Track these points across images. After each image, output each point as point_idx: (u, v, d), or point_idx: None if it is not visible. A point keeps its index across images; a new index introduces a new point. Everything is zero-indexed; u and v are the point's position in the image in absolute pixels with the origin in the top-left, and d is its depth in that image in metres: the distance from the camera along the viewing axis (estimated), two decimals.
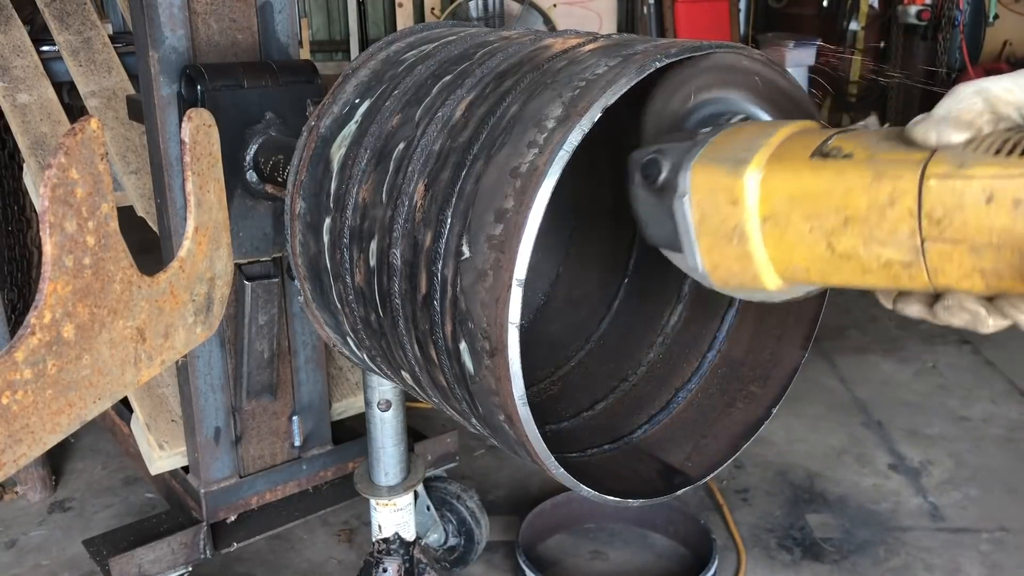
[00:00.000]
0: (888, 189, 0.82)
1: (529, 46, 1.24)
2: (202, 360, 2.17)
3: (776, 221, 0.91)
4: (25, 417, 0.93)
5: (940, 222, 0.79)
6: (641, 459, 1.47)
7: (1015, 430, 3.46)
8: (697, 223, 0.97)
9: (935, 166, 0.79)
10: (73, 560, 2.72)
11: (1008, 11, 7.38)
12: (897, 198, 0.81)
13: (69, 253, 0.95)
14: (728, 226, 0.94)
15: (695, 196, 0.97)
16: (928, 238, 0.80)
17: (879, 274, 0.85)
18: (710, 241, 0.97)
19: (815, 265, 0.89)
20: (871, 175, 0.83)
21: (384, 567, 2.09)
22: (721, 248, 0.96)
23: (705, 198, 0.96)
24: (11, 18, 2.65)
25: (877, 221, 0.83)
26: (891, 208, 0.81)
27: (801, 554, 2.75)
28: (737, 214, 0.93)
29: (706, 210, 0.96)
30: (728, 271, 0.97)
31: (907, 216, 0.81)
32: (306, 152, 1.40)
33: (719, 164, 0.95)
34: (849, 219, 0.85)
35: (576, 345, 1.72)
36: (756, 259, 0.93)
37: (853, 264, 0.86)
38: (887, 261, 0.83)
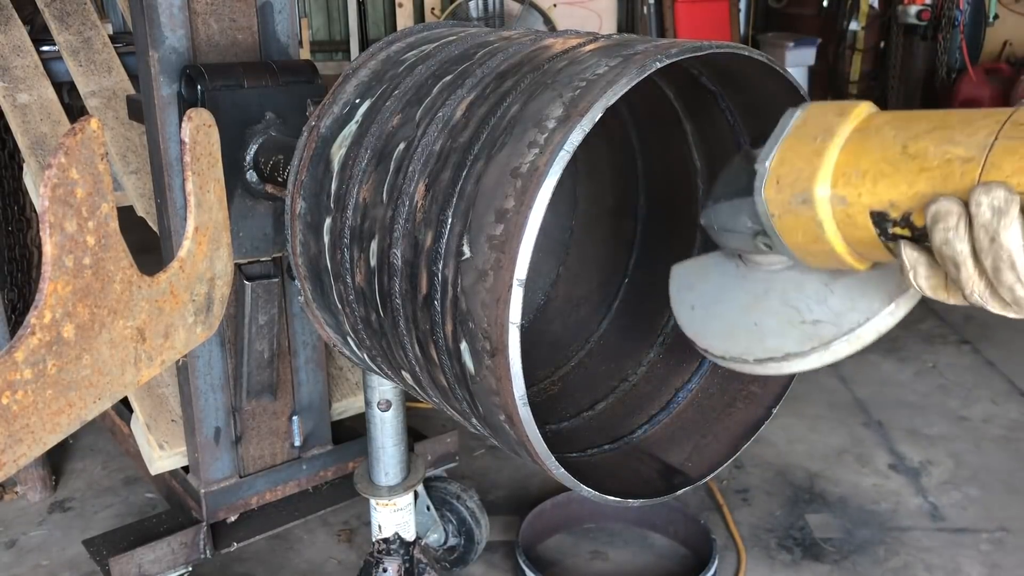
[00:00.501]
0: (986, 111, 0.86)
1: (529, 46, 1.24)
2: (202, 360, 2.17)
3: (866, 132, 0.94)
4: (25, 417, 0.93)
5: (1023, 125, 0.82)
6: (641, 459, 1.47)
7: (1015, 430, 3.46)
8: (795, 126, 0.99)
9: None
10: (73, 560, 2.72)
11: (1008, 11, 7.38)
12: (991, 114, 0.85)
13: (69, 253, 0.95)
14: (821, 126, 0.96)
15: (807, 111, 1.00)
16: (1003, 136, 0.83)
17: (934, 172, 0.86)
18: (794, 141, 0.98)
19: (876, 166, 0.91)
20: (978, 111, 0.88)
21: (384, 567, 2.09)
22: (800, 146, 0.97)
23: (816, 111, 0.99)
24: (11, 18, 2.65)
25: (962, 127, 0.86)
26: (983, 119, 0.85)
27: (801, 554, 2.75)
28: (837, 121, 0.96)
29: (810, 118, 0.99)
30: (791, 167, 0.97)
31: (993, 124, 0.84)
32: (306, 152, 1.40)
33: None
34: (937, 127, 0.88)
35: (576, 345, 1.72)
36: (826, 156, 0.94)
37: (915, 163, 0.88)
38: (950, 158, 0.85)
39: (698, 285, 1.24)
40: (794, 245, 1.00)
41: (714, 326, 1.19)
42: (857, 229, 0.93)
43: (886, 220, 0.90)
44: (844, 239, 0.95)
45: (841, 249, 0.96)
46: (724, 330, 1.17)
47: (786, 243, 1.00)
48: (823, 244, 0.96)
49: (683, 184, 1.57)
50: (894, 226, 0.90)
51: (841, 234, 0.95)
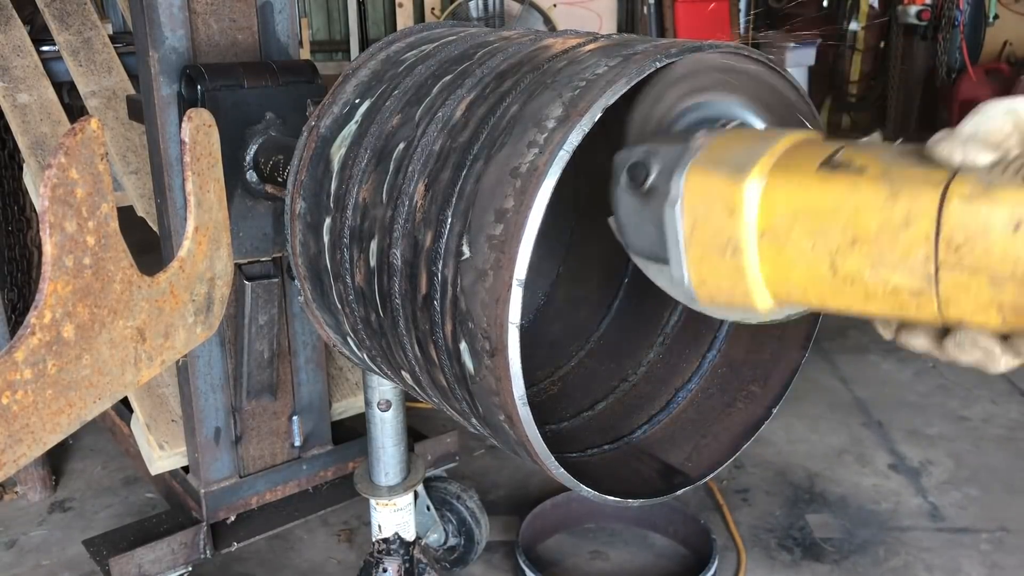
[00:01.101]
0: (904, 209, 0.75)
1: (529, 46, 1.24)
2: (202, 360, 2.17)
3: (775, 236, 0.84)
4: (25, 417, 0.93)
5: (959, 248, 0.72)
6: (641, 459, 1.47)
7: (1015, 430, 3.46)
8: (688, 232, 0.90)
9: (958, 186, 0.73)
10: (73, 560, 2.71)
11: (1008, 11, 7.38)
12: (913, 219, 0.74)
13: (69, 253, 0.95)
14: (722, 237, 0.87)
15: (688, 202, 0.90)
16: (944, 265, 0.73)
17: (884, 301, 0.78)
18: (700, 252, 0.90)
19: (814, 286, 0.83)
20: (886, 192, 0.76)
21: (384, 567, 2.09)
22: (712, 261, 0.89)
23: (699, 205, 0.88)
24: (11, 18, 2.65)
25: (889, 243, 0.76)
26: (906, 230, 0.75)
27: (801, 554, 2.75)
28: (733, 225, 0.85)
29: (699, 218, 0.89)
30: (717, 287, 0.90)
31: (923, 240, 0.74)
32: (306, 152, 1.40)
33: (717, 169, 0.87)
34: (857, 239, 0.78)
35: (576, 345, 1.72)
36: (749, 276, 0.86)
37: (856, 289, 0.80)
38: (895, 288, 0.77)
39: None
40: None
41: None
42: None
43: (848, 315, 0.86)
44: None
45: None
46: None
47: None
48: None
49: None
50: None
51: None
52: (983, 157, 0.74)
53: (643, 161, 0.97)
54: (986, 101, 0.76)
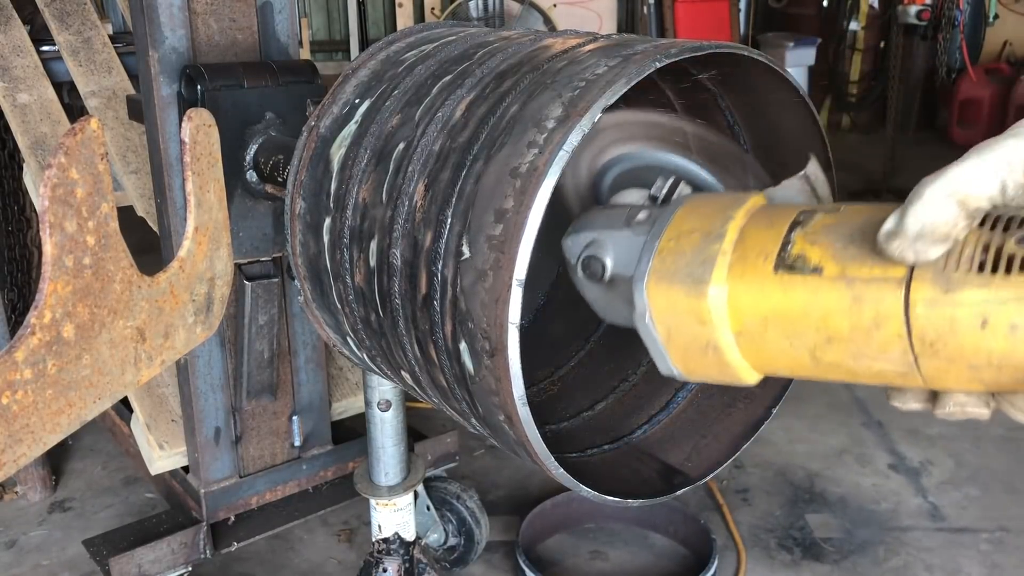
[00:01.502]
0: (871, 313, 0.77)
1: (529, 46, 1.24)
2: (202, 360, 2.17)
3: (751, 337, 0.85)
4: (25, 417, 0.93)
5: (933, 344, 0.74)
6: (641, 459, 1.47)
7: (1015, 430, 3.46)
8: (665, 339, 0.91)
9: (918, 290, 0.75)
10: (73, 560, 2.72)
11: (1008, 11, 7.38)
12: (882, 322, 0.76)
13: (69, 253, 0.95)
14: (700, 342, 0.88)
15: (657, 315, 0.91)
16: (922, 356, 0.75)
17: (871, 379, 0.80)
18: (682, 353, 0.91)
19: (800, 371, 0.85)
20: (849, 298, 0.78)
21: (384, 567, 2.09)
22: (696, 358, 0.90)
23: (668, 317, 0.90)
24: (11, 18, 2.65)
25: (864, 341, 0.78)
26: (877, 331, 0.77)
27: (801, 554, 2.75)
28: (707, 332, 0.87)
29: (672, 328, 0.90)
30: (706, 375, 0.92)
31: (896, 338, 0.76)
32: (306, 152, 1.40)
33: (675, 284, 0.88)
34: (832, 338, 0.80)
35: (576, 345, 1.72)
36: (734, 366, 0.88)
37: (842, 371, 0.81)
38: (879, 371, 0.79)
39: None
40: None
41: None
42: None
43: None
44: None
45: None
46: None
47: None
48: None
49: None
50: None
51: None
52: (934, 252, 0.74)
53: (595, 255, 0.99)
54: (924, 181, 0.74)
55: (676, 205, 0.96)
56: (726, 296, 0.85)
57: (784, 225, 0.85)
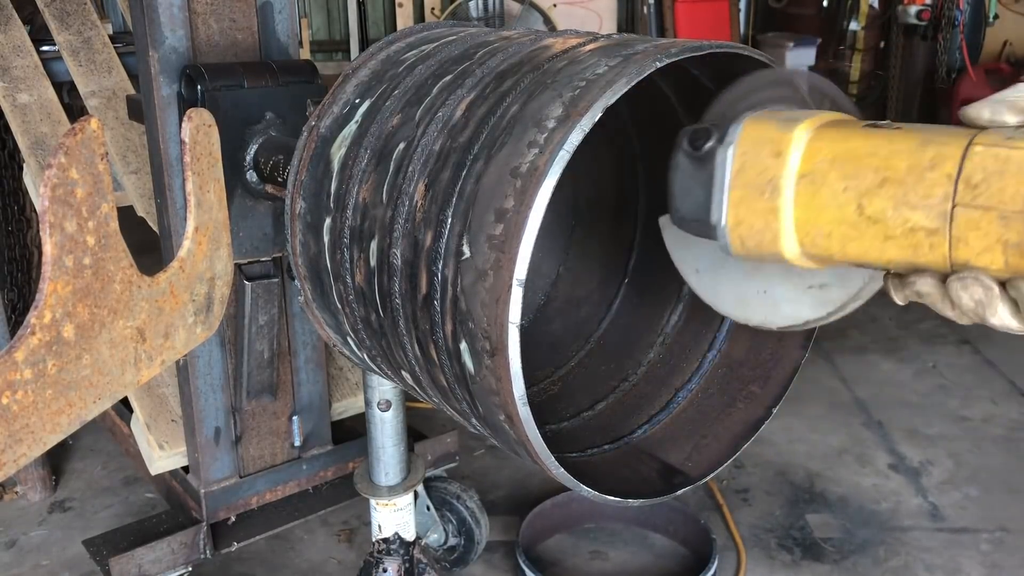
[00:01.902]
0: (932, 153, 0.83)
1: (529, 46, 1.24)
2: (202, 360, 2.17)
3: (813, 179, 0.91)
4: (25, 417, 0.93)
5: (977, 187, 0.80)
6: (641, 459, 1.47)
7: (1015, 430, 3.46)
8: (735, 173, 0.97)
9: (983, 137, 0.81)
10: (73, 560, 2.72)
11: (1008, 11, 7.38)
12: (939, 162, 0.82)
13: (69, 253, 0.95)
14: (764, 178, 0.94)
15: (740, 147, 0.97)
16: (960, 203, 0.81)
17: (900, 242, 0.85)
18: (741, 193, 0.97)
19: (838, 229, 0.90)
20: (918, 141, 0.85)
21: (384, 567, 2.09)
22: (750, 201, 0.96)
23: (749, 149, 0.96)
24: (11, 18, 2.65)
25: (914, 183, 0.84)
26: (931, 171, 0.83)
27: (801, 554, 2.75)
28: (776, 167, 0.93)
29: (747, 161, 0.96)
30: (750, 227, 0.97)
31: (944, 180, 0.82)
32: (306, 152, 1.40)
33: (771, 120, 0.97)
34: (886, 180, 0.86)
35: (576, 345, 1.72)
36: (782, 216, 0.93)
37: (877, 229, 0.87)
38: (912, 226, 0.84)
39: (693, 244, 1.22)
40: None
41: (726, 293, 1.19)
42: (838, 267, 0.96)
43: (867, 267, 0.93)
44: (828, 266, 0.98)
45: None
46: (737, 298, 1.17)
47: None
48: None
49: None
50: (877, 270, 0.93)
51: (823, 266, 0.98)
52: (1010, 118, 0.83)
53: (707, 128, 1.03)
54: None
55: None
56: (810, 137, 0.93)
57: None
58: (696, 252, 1.21)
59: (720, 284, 1.19)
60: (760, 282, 1.13)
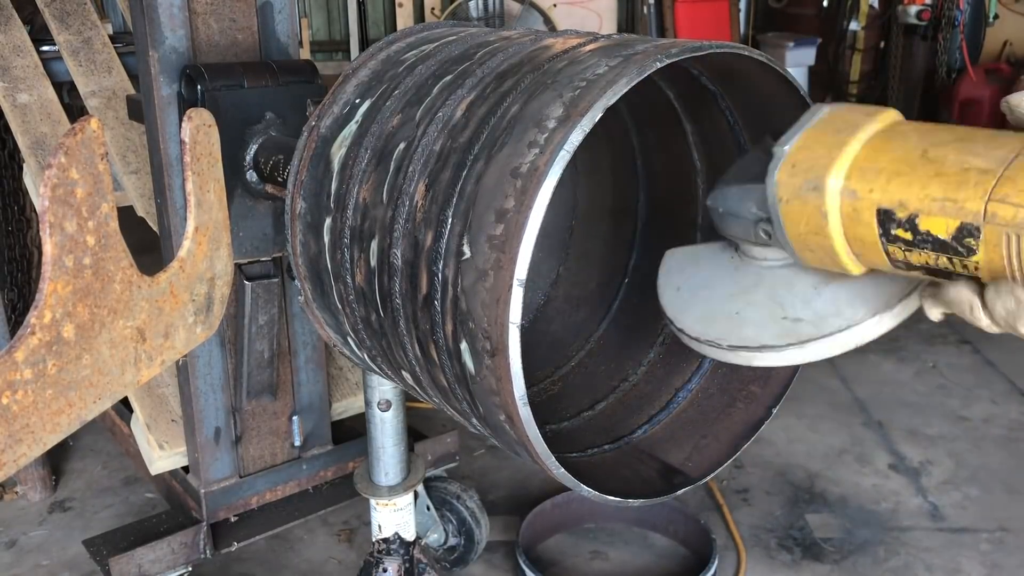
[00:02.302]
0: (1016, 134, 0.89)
1: (529, 46, 1.24)
2: (202, 360, 2.17)
3: (891, 132, 0.96)
4: (25, 417, 0.93)
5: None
6: (641, 459, 1.47)
7: (1015, 430, 3.46)
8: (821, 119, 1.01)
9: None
10: (73, 560, 2.71)
11: (1008, 11, 7.37)
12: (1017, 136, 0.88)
13: (69, 253, 0.95)
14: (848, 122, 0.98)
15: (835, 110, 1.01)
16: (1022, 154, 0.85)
17: (949, 178, 0.87)
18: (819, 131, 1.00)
19: (892, 165, 0.92)
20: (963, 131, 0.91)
21: (384, 567, 2.09)
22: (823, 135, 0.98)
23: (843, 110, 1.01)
24: (11, 18, 2.65)
25: (986, 142, 0.88)
26: (1010, 139, 0.88)
27: (801, 554, 2.75)
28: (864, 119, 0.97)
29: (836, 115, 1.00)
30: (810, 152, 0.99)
31: (1014, 140, 0.87)
32: (306, 152, 1.40)
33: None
34: (961, 139, 0.90)
35: (576, 345, 1.72)
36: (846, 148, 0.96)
37: (931, 167, 0.89)
38: (967, 167, 0.87)
39: (688, 269, 1.25)
40: (795, 235, 1.00)
41: (695, 309, 1.20)
42: (860, 226, 0.93)
43: (891, 220, 0.91)
44: (845, 235, 0.96)
45: (840, 245, 0.96)
46: (704, 314, 1.18)
47: (787, 233, 1.00)
48: (824, 237, 0.97)
49: (683, 184, 1.57)
50: (897, 227, 0.90)
51: (844, 229, 0.95)
52: None
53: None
54: None
55: None
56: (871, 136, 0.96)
57: None
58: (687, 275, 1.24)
59: (694, 301, 1.21)
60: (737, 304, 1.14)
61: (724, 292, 1.16)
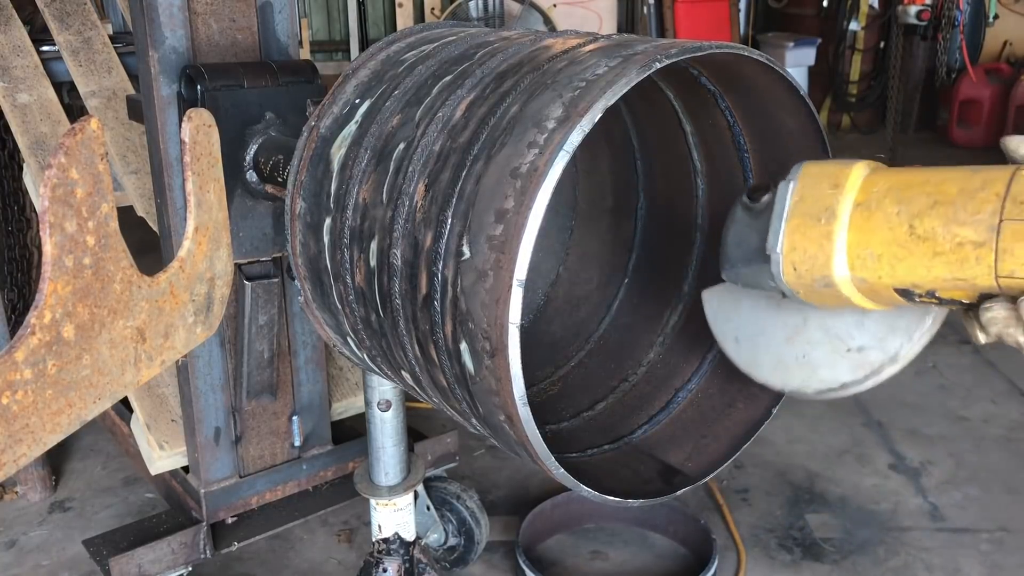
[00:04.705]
0: (981, 178, 0.89)
1: (529, 46, 1.24)
2: (202, 360, 2.17)
3: (868, 206, 0.96)
4: (25, 417, 0.93)
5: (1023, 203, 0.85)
6: (641, 459, 1.47)
7: (1015, 430, 3.46)
8: (794, 204, 1.02)
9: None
10: (73, 560, 2.72)
11: (1008, 11, 7.38)
12: (988, 184, 0.88)
13: (69, 253, 0.95)
14: (821, 206, 0.99)
15: (801, 181, 1.03)
16: (1007, 218, 0.86)
17: (948, 257, 0.89)
18: (798, 222, 1.01)
19: (889, 249, 0.94)
20: (969, 171, 0.91)
21: (384, 567, 2.09)
22: (806, 228, 1.00)
23: (809, 183, 1.02)
24: (11, 18, 2.65)
25: (964, 203, 0.89)
26: (981, 191, 0.88)
27: (801, 554, 2.75)
28: (834, 196, 0.98)
29: (806, 193, 1.01)
30: (804, 252, 1.01)
31: (993, 198, 0.87)
32: (306, 152, 1.40)
33: (830, 162, 1.03)
34: (938, 202, 0.91)
35: (576, 345, 1.72)
36: (835, 239, 0.98)
37: (926, 247, 0.91)
38: (961, 241, 0.88)
39: (734, 316, 1.26)
40: (824, 307, 1.07)
41: (764, 360, 1.22)
42: (883, 299, 1.00)
43: (911, 294, 0.96)
44: (871, 300, 1.01)
45: (871, 307, 1.03)
46: (775, 365, 1.20)
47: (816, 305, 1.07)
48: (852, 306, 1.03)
49: (683, 184, 1.57)
50: (920, 297, 0.96)
51: (868, 299, 1.01)
52: None
53: (764, 183, 1.09)
54: None
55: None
56: (868, 171, 0.99)
57: None
58: (736, 323, 1.25)
59: (759, 351, 1.22)
60: (799, 347, 1.16)
61: (780, 336, 1.18)
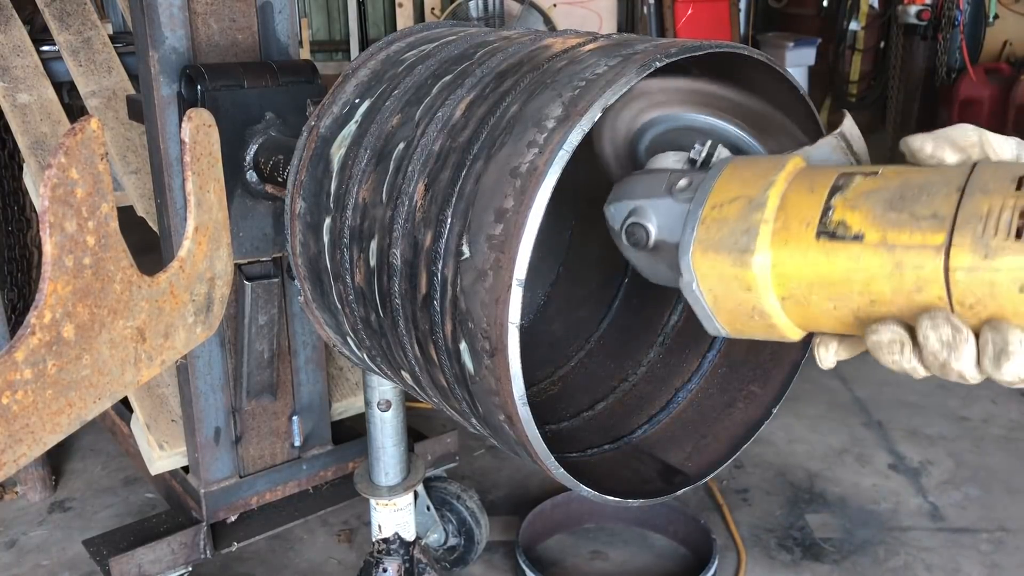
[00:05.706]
0: (912, 278, 0.80)
1: (529, 46, 1.24)
2: (202, 360, 2.17)
3: (796, 300, 0.88)
4: (25, 417, 0.93)
5: (973, 307, 0.78)
6: (641, 459, 1.47)
7: (1015, 430, 3.46)
8: (712, 305, 0.94)
9: (958, 256, 0.77)
10: (73, 560, 2.72)
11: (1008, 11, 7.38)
12: (924, 286, 0.79)
13: (69, 253, 0.95)
14: (746, 308, 0.91)
15: (704, 283, 0.93)
16: (963, 317, 0.79)
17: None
18: (729, 316, 0.94)
19: (845, 329, 0.89)
20: (891, 264, 0.81)
21: (384, 567, 2.09)
22: (742, 321, 0.93)
23: (716, 285, 0.92)
24: (11, 18, 2.65)
25: (906, 304, 0.81)
26: (919, 294, 0.80)
27: (801, 554, 2.75)
28: (753, 298, 0.90)
29: (719, 295, 0.93)
30: (752, 334, 0.96)
31: (937, 300, 0.79)
32: (306, 152, 1.40)
33: (721, 253, 0.91)
34: (875, 301, 0.83)
35: (576, 345, 1.72)
36: (780, 326, 0.91)
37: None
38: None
39: None
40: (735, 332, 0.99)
41: None
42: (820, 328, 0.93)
43: None
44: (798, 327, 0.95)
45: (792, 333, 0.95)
46: None
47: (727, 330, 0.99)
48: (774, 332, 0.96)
49: None
50: None
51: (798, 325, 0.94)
52: (950, 156, 0.86)
53: (639, 222, 1.02)
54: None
55: (717, 171, 0.97)
56: (770, 264, 0.88)
57: (824, 190, 0.88)
58: None
59: None
60: None
61: None
